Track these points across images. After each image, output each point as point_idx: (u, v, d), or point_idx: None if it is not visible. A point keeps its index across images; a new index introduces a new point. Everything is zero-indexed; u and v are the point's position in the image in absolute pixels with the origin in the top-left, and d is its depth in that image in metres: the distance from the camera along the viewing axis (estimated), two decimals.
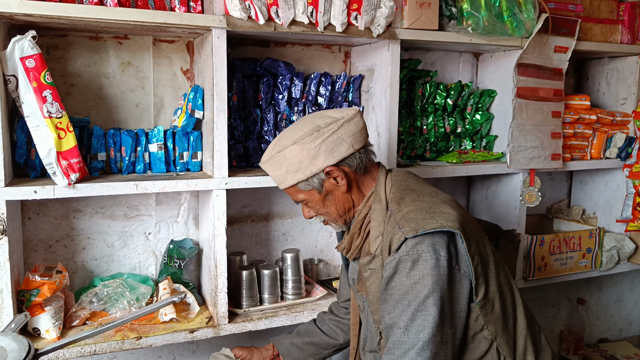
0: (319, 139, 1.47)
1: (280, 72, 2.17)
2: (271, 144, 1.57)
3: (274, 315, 2.02)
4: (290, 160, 1.49)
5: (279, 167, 1.52)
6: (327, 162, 1.48)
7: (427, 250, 1.32)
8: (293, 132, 1.51)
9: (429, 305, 1.30)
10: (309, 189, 1.54)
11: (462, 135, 2.52)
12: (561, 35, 2.37)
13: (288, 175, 1.52)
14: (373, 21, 1.99)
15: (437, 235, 1.35)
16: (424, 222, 1.36)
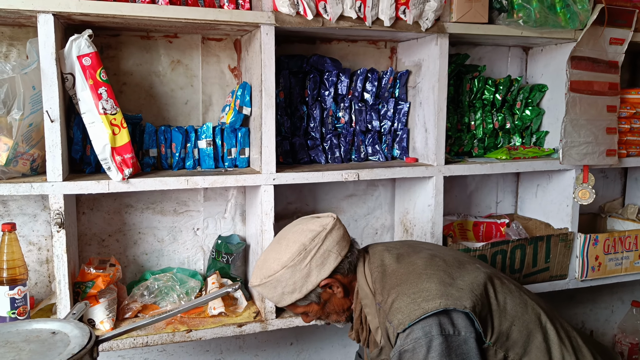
0: (307, 258, 1.51)
1: (326, 69, 2.17)
2: (257, 266, 1.59)
3: None
4: (283, 282, 1.52)
5: (273, 290, 1.55)
6: (320, 277, 1.53)
7: (420, 337, 1.34)
8: (279, 254, 1.54)
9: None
10: (307, 303, 1.59)
11: (512, 131, 2.46)
12: (617, 27, 2.28)
13: (285, 296, 1.55)
14: (421, 15, 1.96)
15: (424, 319, 1.35)
16: (409, 311, 1.37)
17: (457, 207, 2.62)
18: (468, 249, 2.15)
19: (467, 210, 2.65)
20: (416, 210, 2.25)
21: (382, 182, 2.43)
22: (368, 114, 2.24)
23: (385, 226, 2.48)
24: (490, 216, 2.62)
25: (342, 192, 2.40)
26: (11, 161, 1.68)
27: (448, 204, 2.57)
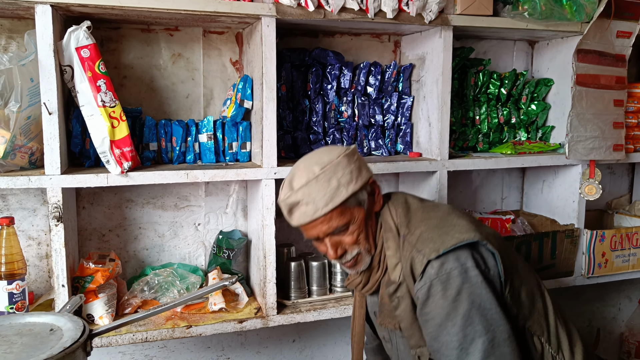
0: (354, 155, 1.47)
1: (329, 62, 2.14)
2: (299, 172, 1.45)
3: (322, 307, 2.00)
4: (340, 171, 1.41)
5: (327, 184, 1.40)
6: (369, 173, 1.48)
7: (455, 267, 1.31)
8: (322, 154, 1.47)
9: (474, 317, 1.28)
10: (355, 204, 1.45)
11: (517, 126, 2.43)
12: (624, 19, 2.25)
13: (341, 189, 1.40)
14: (425, 7, 1.93)
15: (458, 249, 1.33)
16: (442, 240, 1.35)
17: (462, 203, 2.59)
18: None
19: (472, 206, 2.61)
20: None
21: (385, 176, 2.40)
22: (371, 108, 2.21)
23: None
24: (495, 212, 2.59)
25: None
26: (9, 154, 1.66)
27: (453, 200, 2.54)
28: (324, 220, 1.43)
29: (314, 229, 1.45)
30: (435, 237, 1.37)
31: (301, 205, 1.42)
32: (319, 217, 1.41)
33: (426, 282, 1.33)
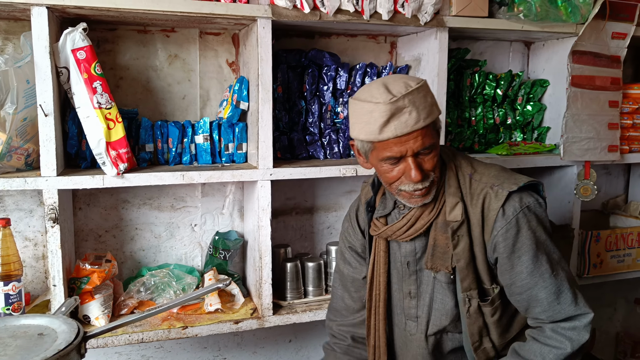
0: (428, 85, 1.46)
1: (325, 63, 2.15)
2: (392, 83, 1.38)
3: (318, 307, 2.00)
4: (430, 92, 1.41)
5: (424, 99, 1.37)
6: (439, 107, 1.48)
7: (532, 201, 1.43)
8: (402, 77, 1.43)
9: (551, 246, 1.44)
10: (437, 129, 1.44)
11: (513, 126, 2.43)
12: (619, 21, 2.25)
13: (434, 108, 1.39)
14: (420, 8, 1.94)
15: (528, 187, 1.45)
16: (514, 178, 1.45)
17: None
18: None
19: None
20: None
21: None
22: None
23: None
24: None
25: (341, 188, 2.38)
26: (5, 156, 1.66)
27: None
28: (419, 135, 1.37)
29: (405, 144, 1.37)
30: (507, 176, 1.46)
31: (404, 112, 1.34)
32: (419, 128, 1.35)
33: (511, 217, 1.40)
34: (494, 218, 1.41)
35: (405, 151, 1.38)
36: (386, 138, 1.36)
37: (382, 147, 1.39)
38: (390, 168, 1.42)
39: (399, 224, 1.52)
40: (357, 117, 1.41)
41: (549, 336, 1.41)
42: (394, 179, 1.44)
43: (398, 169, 1.42)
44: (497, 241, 1.41)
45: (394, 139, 1.36)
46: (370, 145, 1.41)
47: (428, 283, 1.54)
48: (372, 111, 1.35)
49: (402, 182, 1.43)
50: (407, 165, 1.40)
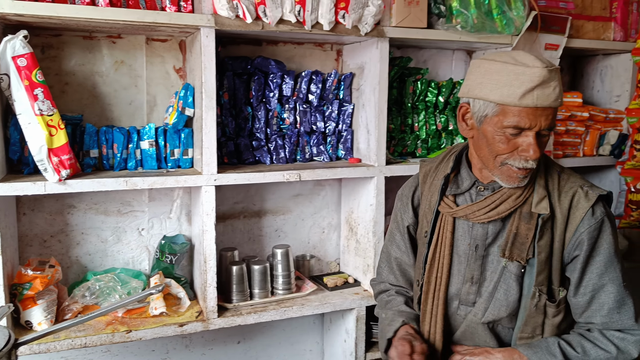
0: None
1: (271, 71, 2.20)
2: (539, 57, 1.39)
3: (263, 310, 2.05)
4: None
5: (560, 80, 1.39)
6: None
7: (608, 211, 1.48)
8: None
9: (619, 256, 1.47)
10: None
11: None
12: (552, 33, 2.38)
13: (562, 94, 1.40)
14: (361, 19, 2.01)
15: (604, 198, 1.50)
16: (598, 186, 1.50)
17: None
18: None
19: None
20: (360, 210, 2.30)
21: (328, 181, 2.48)
22: (313, 115, 2.28)
23: (332, 225, 2.52)
24: None
25: (289, 191, 2.44)
26: None
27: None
28: (551, 113, 1.37)
29: (538, 118, 1.35)
30: (591, 183, 1.51)
31: (551, 85, 1.34)
32: (557, 106, 1.37)
33: (598, 219, 1.44)
34: (581, 217, 1.43)
35: (535, 124, 1.35)
36: (525, 105, 1.33)
37: (512, 114, 1.35)
38: (507, 139, 1.39)
39: (481, 203, 1.49)
40: (491, 76, 1.38)
41: (596, 337, 1.44)
42: (505, 151, 1.40)
43: (514, 142, 1.39)
44: (582, 239, 1.43)
45: (531, 108, 1.33)
46: (498, 109, 1.38)
47: (495, 271, 1.51)
48: (520, 74, 1.33)
49: (512, 156, 1.40)
50: (527, 140, 1.37)
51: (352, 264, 2.40)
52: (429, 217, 1.59)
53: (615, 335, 1.42)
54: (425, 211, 1.62)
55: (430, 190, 1.61)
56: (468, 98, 1.46)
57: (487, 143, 1.43)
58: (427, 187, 1.63)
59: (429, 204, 1.60)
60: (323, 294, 2.22)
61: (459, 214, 1.52)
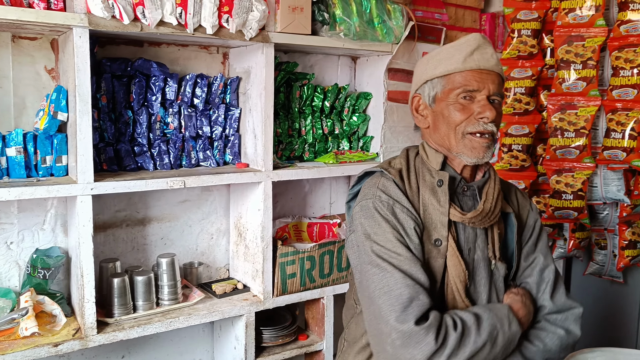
0: None
1: (153, 73, 2.12)
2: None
3: (147, 322, 1.98)
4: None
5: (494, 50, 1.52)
6: None
7: None
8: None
9: None
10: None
11: (340, 136, 2.60)
12: (428, 42, 2.52)
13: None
14: (245, 24, 2.00)
15: None
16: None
17: (293, 209, 2.71)
18: (297, 251, 2.24)
19: (302, 211, 2.74)
20: (248, 215, 2.29)
21: (217, 187, 2.44)
22: (198, 120, 2.23)
23: (221, 230, 2.48)
24: (324, 217, 2.75)
25: (175, 197, 2.36)
26: None
27: (284, 206, 2.65)
28: (496, 78, 1.46)
29: (484, 82, 1.43)
30: None
31: (487, 50, 1.46)
32: (497, 71, 1.46)
33: (535, 209, 1.66)
34: (527, 210, 1.63)
35: (483, 87, 1.43)
36: (469, 67, 1.43)
37: (459, 79, 1.44)
38: (462, 106, 1.44)
39: (484, 207, 1.48)
40: (433, 58, 1.50)
41: (545, 327, 1.52)
42: (461, 119, 1.44)
43: (468, 109, 1.44)
44: (534, 231, 1.62)
45: (475, 70, 1.43)
46: (445, 81, 1.46)
47: (484, 275, 1.51)
48: (457, 45, 1.46)
49: (470, 122, 1.44)
50: (480, 103, 1.43)
51: (241, 270, 2.38)
52: (444, 221, 1.46)
53: (558, 318, 1.54)
54: (432, 217, 1.47)
55: (427, 194, 1.48)
56: (417, 89, 1.56)
57: (444, 119, 1.47)
58: (423, 191, 1.49)
59: (435, 208, 1.47)
60: (211, 301, 2.18)
61: (467, 221, 1.47)
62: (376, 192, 1.47)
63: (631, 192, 2.68)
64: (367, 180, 1.56)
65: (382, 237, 1.41)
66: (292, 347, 2.36)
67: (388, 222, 1.42)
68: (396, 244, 1.39)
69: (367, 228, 1.43)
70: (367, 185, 1.53)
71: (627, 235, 2.80)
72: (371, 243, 1.41)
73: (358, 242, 1.45)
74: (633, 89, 2.36)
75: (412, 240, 1.42)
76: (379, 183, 1.50)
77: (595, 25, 2.42)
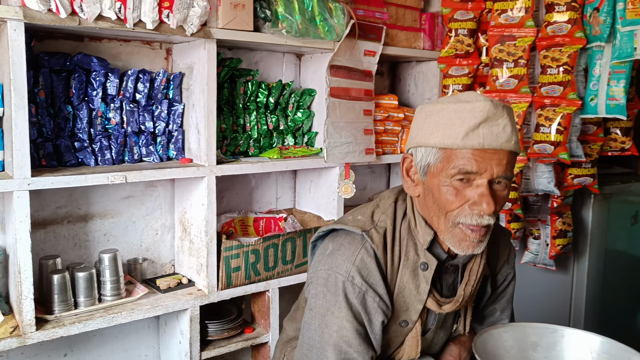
0: None
1: (93, 68, 2.10)
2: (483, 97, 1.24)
3: (89, 318, 1.96)
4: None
5: (513, 121, 1.24)
6: None
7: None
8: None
9: None
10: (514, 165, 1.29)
11: (285, 132, 2.64)
12: (369, 40, 2.59)
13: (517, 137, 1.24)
14: (186, 20, 2.01)
15: None
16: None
17: (239, 204, 2.73)
18: (241, 245, 2.27)
19: (248, 206, 2.77)
20: (193, 210, 2.30)
21: (161, 182, 2.44)
22: (141, 115, 2.23)
23: (166, 226, 2.49)
24: (270, 211, 2.79)
25: (118, 193, 2.35)
26: None
27: (230, 202, 2.67)
28: (504, 158, 1.19)
29: (488, 162, 1.17)
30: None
31: (499, 123, 1.17)
32: (508, 149, 1.18)
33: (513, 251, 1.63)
34: (502, 265, 1.59)
35: (485, 170, 1.18)
36: (470, 146, 1.17)
37: (457, 158, 1.19)
38: (456, 190, 1.22)
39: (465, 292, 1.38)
40: (432, 118, 1.23)
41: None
42: (454, 205, 1.23)
43: (463, 194, 1.22)
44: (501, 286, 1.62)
45: (477, 150, 1.17)
46: (441, 154, 1.22)
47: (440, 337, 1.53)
48: (461, 110, 1.18)
49: (463, 211, 1.22)
50: (478, 190, 1.20)
51: (186, 265, 2.39)
52: (418, 309, 1.36)
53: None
54: (406, 301, 1.36)
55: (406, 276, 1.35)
56: (410, 148, 1.32)
57: (434, 198, 1.26)
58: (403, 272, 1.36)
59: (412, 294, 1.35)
60: (155, 296, 2.19)
61: (446, 310, 1.37)
62: (351, 269, 1.30)
63: (561, 184, 2.84)
64: (346, 241, 1.36)
65: (337, 322, 1.29)
66: (237, 340, 2.39)
67: (351, 309, 1.30)
68: (350, 333, 1.28)
69: (327, 305, 1.31)
70: (344, 251, 1.34)
71: (557, 225, 2.96)
72: (324, 322, 1.31)
73: (314, 307, 1.36)
74: (559, 86, 2.50)
75: (373, 331, 1.33)
76: (357, 257, 1.31)
77: (525, 25, 2.55)
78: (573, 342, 1.35)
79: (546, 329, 1.37)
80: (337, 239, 1.39)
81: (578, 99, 2.49)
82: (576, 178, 2.83)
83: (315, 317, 1.35)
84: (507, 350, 1.35)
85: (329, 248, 1.38)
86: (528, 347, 1.37)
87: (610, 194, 3.18)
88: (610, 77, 2.45)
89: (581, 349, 1.34)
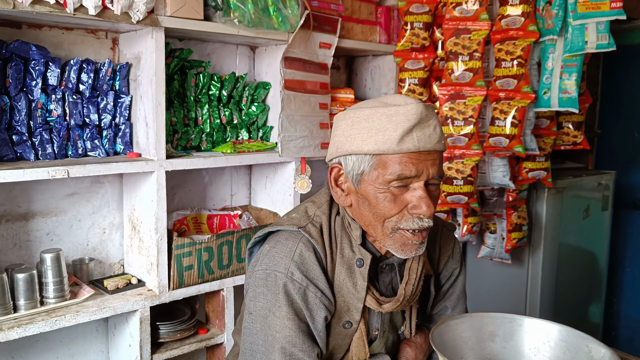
0: None
1: (32, 57, 1.98)
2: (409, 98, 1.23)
3: (30, 322, 1.85)
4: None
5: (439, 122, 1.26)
6: None
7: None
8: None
9: None
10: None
11: (239, 126, 2.56)
12: (325, 33, 2.54)
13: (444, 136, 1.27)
14: (132, 6, 1.91)
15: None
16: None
17: (192, 201, 2.64)
18: (194, 242, 2.19)
19: (202, 203, 2.68)
20: (142, 207, 2.21)
21: (108, 178, 2.33)
22: (85, 107, 2.11)
23: (114, 224, 2.37)
24: (224, 208, 2.71)
25: (61, 190, 2.23)
26: None
27: (183, 198, 2.58)
28: (437, 158, 1.21)
29: (423, 164, 1.18)
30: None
31: (430, 125, 1.18)
32: (440, 150, 1.21)
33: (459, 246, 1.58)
34: (446, 261, 1.53)
35: (422, 172, 1.18)
36: (406, 150, 1.16)
37: (393, 163, 1.18)
38: (393, 196, 1.21)
39: (405, 291, 1.34)
40: (361, 125, 1.20)
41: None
42: (393, 212, 1.22)
43: (401, 199, 1.22)
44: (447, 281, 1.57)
45: (414, 153, 1.17)
46: (375, 161, 1.20)
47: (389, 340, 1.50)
48: (393, 114, 1.16)
49: (403, 217, 1.22)
50: (416, 194, 1.20)
51: (136, 264, 2.29)
52: (358, 307, 1.33)
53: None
54: (346, 300, 1.34)
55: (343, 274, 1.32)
56: (338, 157, 1.28)
57: (370, 206, 1.24)
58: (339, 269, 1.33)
59: (350, 292, 1.33)
60: (102, 298, 2.08)
61: (386, 309, 1.35)
62: (290, 265, 1.27)
63: (515, 178, 2.86)
64: (282, 238, 1.33)
65: (279, 322, 1.26)
66: (191, 341, 2.30)
67: (292, 307, 1.27)
68: (293, 332, 1.26)
69: (268, 306, 1.28)
70: (281, 248, 1.31)
71: (513, 219, 2.99)
72: (266, 324, 1.28)
73: (254, 310, 1.32)
74: (513, 79, 2.52)
75: (317, 328, 1.30)
76: (295, 252, 1.29)
77: (479, 19, 2.55)
78: (531, 330, 1.34)
79: (504, 318, 1.35)
80: (273, 238, 1.37)
81: (532, 92, 2.52)
82: (530, 172, 2.86)
83: (257, 321, 1.31)
84: (465, 341, 1.33)
85: (266, 248, 1.36)
86: (486, 337, 1.35)
87: (563, 187, 3.24)
88: (563, 70, 2.48)
89: (539, 338, 1.32)
